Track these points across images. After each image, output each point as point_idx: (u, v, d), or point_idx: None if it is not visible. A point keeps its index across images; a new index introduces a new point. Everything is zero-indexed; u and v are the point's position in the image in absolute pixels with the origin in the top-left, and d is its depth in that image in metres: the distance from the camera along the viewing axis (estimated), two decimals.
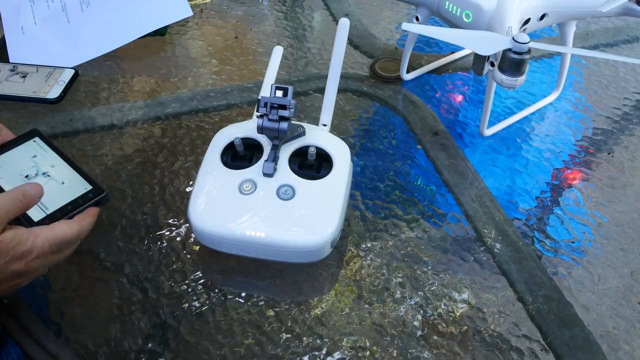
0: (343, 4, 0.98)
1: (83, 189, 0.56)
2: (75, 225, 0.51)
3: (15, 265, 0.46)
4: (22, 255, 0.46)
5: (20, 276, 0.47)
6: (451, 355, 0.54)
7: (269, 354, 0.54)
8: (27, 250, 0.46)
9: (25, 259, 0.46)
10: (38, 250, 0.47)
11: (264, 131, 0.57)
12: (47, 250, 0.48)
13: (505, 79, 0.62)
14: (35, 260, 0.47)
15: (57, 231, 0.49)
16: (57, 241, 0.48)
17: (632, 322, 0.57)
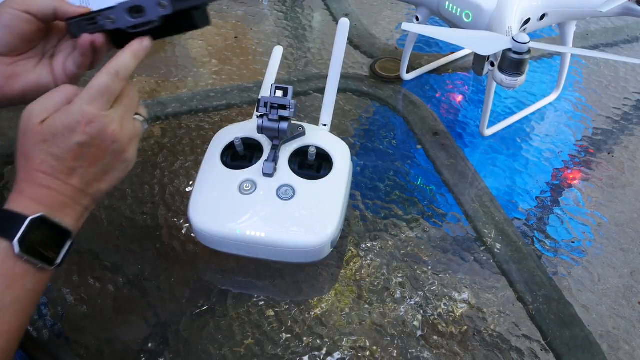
0: (343, 4, 0.98)
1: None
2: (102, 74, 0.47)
3: (74, 138, 0.45)
4: (69, 127, 0.45)
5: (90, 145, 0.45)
6: (451, 355, 0.54)
7: (269, 354, 0.54)
8: (71, 121, 0.45)
9: (77, 128, 0.45)
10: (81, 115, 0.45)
11: (264, 131, 0.57)
12: (89, 110, 0.45)
13: (505, 79, 0.62)
14: (90, 124, 0.45)
15: (88, 88, 0.46)
16: (94, 95, 0.46)
17: (632, 322, 0.57)
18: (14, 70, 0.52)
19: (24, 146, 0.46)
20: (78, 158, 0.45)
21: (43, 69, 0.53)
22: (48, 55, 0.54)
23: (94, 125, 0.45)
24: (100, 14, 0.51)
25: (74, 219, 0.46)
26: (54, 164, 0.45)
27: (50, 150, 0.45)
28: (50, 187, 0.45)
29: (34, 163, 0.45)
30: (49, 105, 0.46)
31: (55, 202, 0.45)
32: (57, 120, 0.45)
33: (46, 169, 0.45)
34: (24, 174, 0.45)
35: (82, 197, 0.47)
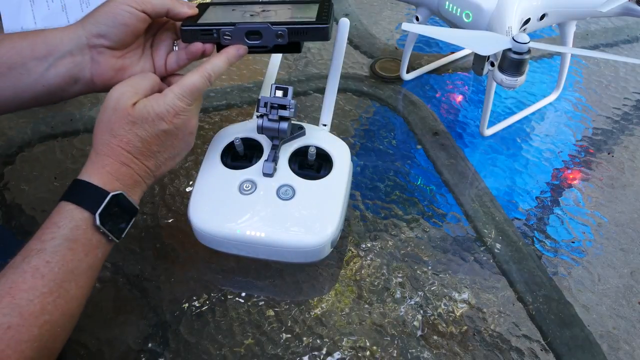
0: (343, 4, 0.98)
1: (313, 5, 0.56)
2: (196, 74, 0.52)
3: (161, 126, 0.50)
4: (160, 115, 0.49)
5: (171, 134, 0.51)
6: (451, 355, 0.54)
7: (269, 354, 0.54)
8: (163, 110, 0.50)
9: (165, 118, 0.50)
10: (173, 106, 0.50)
11: (264, 131, 0.57)
12: (180, 104, 0.50)
13: (505, 79, 0.62)
14: (177, 116, 0.50)
15: (182, 84, 0.51)
16: (186, 92, 0.51)
17: (632, 322, 0.57)
18: (122, 63, 0.55)
19: (112, 123, 0.49)
20: (159, 144, 0.51)
21: (146, 62, 0.57)
22: (148, 45, 0.58)
23: (181, 118, 0.51)
24: (219, 29, 0.54)
25: (139, 196, 0.51)
26: (138, 145, 0.49)
27: (138, 132, 0.49)
28: (130, 166, 0.49)
29: (121, 141, 0.49)
30: (140, 90, 0.50)
31: (131, 180, 0.49)
32: (149, 106, 0.49)
33: (130, 148, 0.49)
34: (108, 149, 0.49)
35: (150, 178, 0.52)
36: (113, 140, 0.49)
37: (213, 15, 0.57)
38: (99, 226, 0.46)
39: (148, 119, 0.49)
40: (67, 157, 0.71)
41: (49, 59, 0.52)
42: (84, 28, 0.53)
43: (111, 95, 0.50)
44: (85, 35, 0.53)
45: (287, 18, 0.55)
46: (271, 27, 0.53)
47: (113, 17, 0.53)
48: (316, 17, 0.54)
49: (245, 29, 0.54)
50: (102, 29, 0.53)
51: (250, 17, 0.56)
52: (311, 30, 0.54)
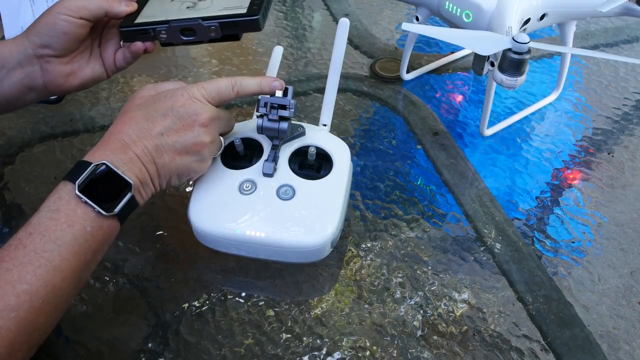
0: (343, 4, 0.98)
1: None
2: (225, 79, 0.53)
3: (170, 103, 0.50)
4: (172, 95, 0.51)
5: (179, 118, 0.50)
6: (451, 355, 0.54)
7: (269, 354, 0.54)
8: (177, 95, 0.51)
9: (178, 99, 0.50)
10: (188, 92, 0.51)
11: (264, 131, 0.57)
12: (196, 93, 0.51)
13: (505, 79, 0.62)
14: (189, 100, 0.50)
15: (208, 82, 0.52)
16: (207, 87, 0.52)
17: (632, 322, 0.57)
18: (71, 68, 0.56)
19: (124, 108, 0.50)
20: (164, 123, 0.49)
21: (95, 63, 0.58)
22: (96, 45, 0.59)
23: (193, 104, 0.50)
24: (154, 29, 0.55)
25: (137, 176, 0.48)
26: (142, 123, 0.49)
27: (145, 108, 0.49)
28: (126, 141, 0.48)
29: (125, 117, 0.49)
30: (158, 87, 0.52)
31: (124, 154, 0.48)
32: (164, 87, 0.51)
33: (132, 124, 0.49)
34: (114, 128, 0.49)
35: (150, 163, 0.49)
36: (119, 119, 0.49)
37: (151, 10, 0.58)
38: (78, 195, 0.45)
39: (160, 97, 0.50)
40: (67, 157, 0.71)
41: (1, 72, 0.54)
42: (28, 39, 0.54)
43: (136, 93, 0.52)
44: (30, 46, 0.54)
45: (220, 9, 0.55)
46: (203, 24, 0.54)
47: (53, 27, 0.53)
48: (248, 8, 0.55)
49: (178, 26, 0.55)
50: (44, 40, 0.54)
51: (187, 9, 0.56)
52: (242, 23, 0.55)
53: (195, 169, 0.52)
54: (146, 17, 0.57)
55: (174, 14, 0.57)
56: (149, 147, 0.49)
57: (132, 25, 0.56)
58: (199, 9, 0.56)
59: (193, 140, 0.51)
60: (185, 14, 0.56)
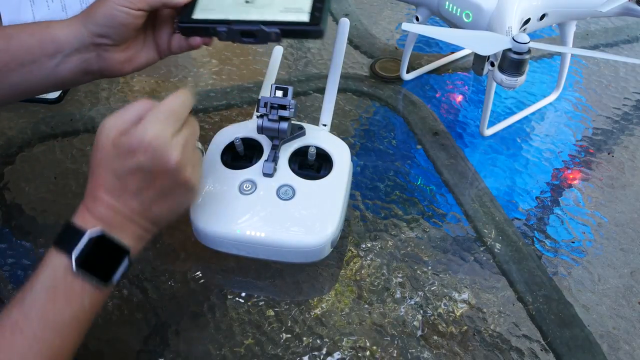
0: (343, 4, 0.98)
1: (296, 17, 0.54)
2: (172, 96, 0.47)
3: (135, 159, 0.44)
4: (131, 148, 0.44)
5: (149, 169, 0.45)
6: (451, 355, 0.54)
7: (269, 354, 0.54)
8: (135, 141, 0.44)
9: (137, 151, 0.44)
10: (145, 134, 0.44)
11: (264, 131, 0.57)
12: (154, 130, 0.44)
13: (505, 79, 0.62)
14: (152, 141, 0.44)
15: (156, 109, 0.46)
16: (160, 116, 0.45)
17: (632, 322, 0.57)
18: (127, 55, 0.56)
19: (94, 161, 0.46)
20: (138, 179, 0.45)
21: (150, 49, 0.57)
22: (150, 31, 0.57)
23: (156, 149, 0.44)
24: (215, 27, 0.54)
25: (133, 238, 0.46)
26: (115, 183, 0.45)
27: (113, 168, 0.45)
28: (111, 205, 0.45)
29: (99, 179, 0.45)
30: (119, 124, 0.45)
31: (114, 220, 0.45)
32: (123, 140, 0.44)
33: (108, 186, 0.45)
34: (90, 189, 0.46)
35: (141, 219, 0.46)
36: (93, 180, 0.46)
37: (207, 1, 0.56)
38: (76, 271, 0.42)
39: (121, 154, 0.44)
40: (67, 157, 0.71)
41: (58, 56, 0.53)
42: (85, 27, 0.53)
43: (98, 131, 0.46)
44: (87, 34, 0.53)
45: (281, 9, 0.54)
46: (264, 29, 0.53)
47: (111, 19, 0.53)
48: (310, 14, 0.53)
49: (239, 30, 0.54)
50: (102, 30, 0.53)
51: (246, 4, 0.55)
52: (304, 32, 0.54)
53: (188, 200, 0.50)
54: (204, 10, 0.56)
55: (233, 11, 0.55)
56: (135, 206, 0.46)
57: (191, 21, 0.55)
58: (258, 7, 0.55)
59: (172, 182, 0.46)
60: (245, 13, 0.55)
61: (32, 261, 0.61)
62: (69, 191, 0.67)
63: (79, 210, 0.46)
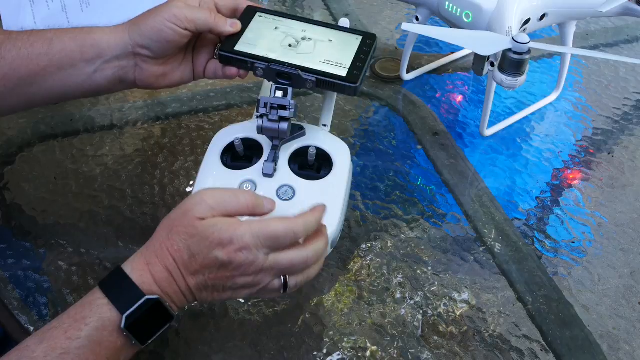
0: (343, 4, 0.98)
1: (355, 39, 0.57)
2: (285, 221, 0.47)
3: (217, 252, 0.44)
4: (221, 242, 0.45)
5: (225, 267, 0.45)
6: (451, 355, 0.54)
7: (269, 354, 0.54)
8: (226, 238, 0.45)
9: (226, 247, 0.44)
10: (239, 240, 0.45)
11: (263, 131, 0.57)
12: (249, 242, 0.45)
13: (505, 79, 0.62)
14: (239, 252, 0.45)
15: (263, 225, 0.46)
16: (262, 234, 0.45)
17: (632, 322, 0.57)
18: (164, 70, 0.57)
19: (174, 225, 0.46)
20: (209, 268, 0.45)
21: (186, 68, 0.59)
22: (190, 50, 0.59)
23: (243, 257, 0.45)
24: (254, 63, 0.56)
25: (179, 307, 0.47)
26: (185, 258, 0.45)
27: (191, 246, 0.45)
28: (173, 274, 0.45)
29: (172, 245, 0.45)
30: (221, 209, 0.46)
31: (170, 289, 0.45)
32: (216, 228, 0.45)
33: (178, 257, 0.45)
34: (158, 248, 0.46)
35: (192, 295, 0.47)
36: (166, 241, 0.46)
37: (253, 35, 0.58)
38: (123, 329, 0.43)
39: (207, 239, 0.45)
40: (67, 157, 0.71)
41: (97, 62, 0.54)
42: (130, 36, 0.54)
43: (192, 197, 0.47)
44: (130, 43, 0.54)
45: (322, 60, 0.56)
46: (301, 75, 0.55)
47: (158, 33, 0.53)
48: (349, 71, 0.55)
49: (276, 70, 0.55)
50: (146, 42, 0.54)
51: (288, 47, 0.57)
52: (339, 86, 0.56)
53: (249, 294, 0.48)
54: (247, 44, 0.57)
55: (275, 50, 0.57)
56: (192, 284, 0.46)
57: (232, 52, 0.57)
58: (300, 53, 0.57)
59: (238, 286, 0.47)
60: (286, 55, 0.56)
61: (32, 261, 0.61)
62: (69, 191, 0.67)
63: (137, 261, 0.46)
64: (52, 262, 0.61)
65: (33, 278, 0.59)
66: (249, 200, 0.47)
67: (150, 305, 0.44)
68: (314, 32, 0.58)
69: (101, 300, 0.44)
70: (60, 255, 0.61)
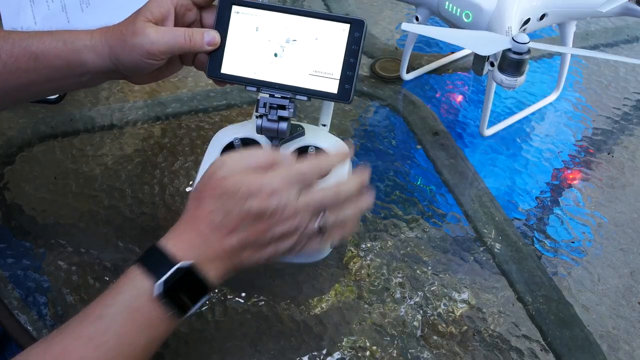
0: (343, 4, 0.98)
1: (342, 31, 0.54)
2: (310, 161, 0.48)
3: (249, 203, 0.45)
4: (251, 192, 0.45)
5: (260, 217, 0.45)
6: (451, 355, 0.54)
7: (269, 354, 0.54)
8: (255, 187, 0.45)
9: (257, 196, 0.45)
10: (268, 186, 0.45)
11: (263, 131, 0.57)
12: (278, 185, 0.45)
13: (505, 79, 0.62)
14: (271, 198, 0.45)
15: (288, 167, 0.47)
16: (289, 176, 0.46)
17: (632, 322, 0.57)
18: (153, 75, 0.57)
19: (202, 191, 0.46)
20: (244, 223, 0.45)
21: (175, 65, 0.58)
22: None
23: (276, 204, 0.45)
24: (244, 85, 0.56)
25: (218, 275, 0.46)
26: (219, 219, 0.45)
27: (223, 204, 0.45)
28: (208, 238, 0.45)
29: (203, 211, 0.45)
30: (244, 165, 0.46)
31: (206, 254, 0.45)
32: (243, 181, 0.45)
33: (211, 220, 0.45)
34: (190, 217, 0.46)
35: (233, 258, 0.46)
36: (196, 210, 0.46)
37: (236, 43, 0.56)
38: (159, 297, 0.42)
39: (237, 194, 0.45)
40: (67, 157, 0.71)
41: (87, 75, 0.55)
42: (111, 60, 0.53)
43: (213, 164, 0.47)
44: (113, 67, 0.54)
45: (311, 72, 0.55)
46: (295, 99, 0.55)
47: (136, 67, 0.53)
48: (339, 85, 0.54)
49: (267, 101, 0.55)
50: (127, 72, 0.55)
51: (275, 58, 0.55)
52: (333, 99, 0.55)
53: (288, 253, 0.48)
54: (232, 60, 0.56)
55: (262, 67, 0.55)
56: (228, 246, 0.45)
57: (220, 75, 0.56)
58: (287, 64, 0.55)
59: (278, 237, 0.46)
60: (274, 71, 0.55)
61: (32, 261, 0.61)
62: (69, 191, 0.67)
63: (170, 235, 0.46)
64: (52, 262, 0.61)
65: (33, 278, 0.59)
66: (268, 154, 0.48)
67: (184, 273, 0.43)
68: (297, 29, 0.55)
69: (136, 271, 0.44)
70: (60, 255, 0.61)
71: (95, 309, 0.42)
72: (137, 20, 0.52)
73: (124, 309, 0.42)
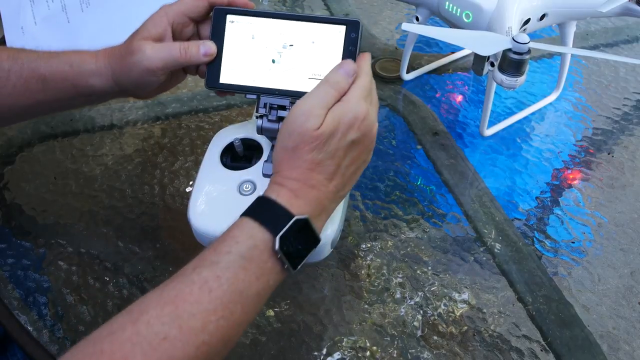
0: (343, 4, 0.98)
1: (337, 33, 0.54)
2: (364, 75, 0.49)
3: (350, 136, 0.46)
4: (349, 125, 0.46)
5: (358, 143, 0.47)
6: (451, 355, 0.54)
7: (268, 354, 0.54)
8: (350, 120, 0.46)
9: (354, 125, 0.46)
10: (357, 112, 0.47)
11: (263, 132, 0.57)
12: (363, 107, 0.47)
13: (505, 79, 0.62)
14: (365, 121, 0.47)
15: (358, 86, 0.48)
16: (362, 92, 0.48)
17: (632, 322, 0.57)
18: (158, 88, 0.57)
19: (300, 149, 0.46)
20: (347, 156, 0.47)
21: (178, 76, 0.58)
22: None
23: (367, 123, 0.47)
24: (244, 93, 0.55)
25: (322, 226, 0.47)
26: (329, 164, 0.46)
27: (329, 149, 0.46)
28: (320, 189, 0.46)
29: (312, 163, 0.46)
30: (323, 111, 0.46)
31: (318, 206, 0.46)
32: (337, 118, 0.46)
33: (321, 169, 0.46)
34: (298, 173, 0.46)
35: (335, 201, 0.48)
36: (303, 164, 0.46)
37: (233, 52, 0.55)
38: (277, 250, 0.42)
39: (336, 135, 0.46)
40: (67, 157, 0.71)
41: (93, 95, 0.56)
42: (115, 82, 0.54)
43: (294, 121, 0.46)
44: (117, 87, 0.55)
45: (311, 74, 0.54)
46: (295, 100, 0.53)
47: (138, 85, 0.54)
48: None
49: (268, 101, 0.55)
50: (132, 91, 0.56)
51: (273, 64, 0.55)
52: None
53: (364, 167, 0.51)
54: (230, 69, 0.55)
55: (261, 75, 0.55)
56: (334, 187, 0.47)
57: (219, 85, 0.56)
58: (286, 69, 0.54)
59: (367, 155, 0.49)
60: (273, 78, 0.55)
61: (32, 261, 0.61)
62: (69, 191, 0.67)
63: (280, 189, 0.45)
64: (52, 262, 0.61)
65: (33, 278, 0.59)
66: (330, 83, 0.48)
67: (301, 228, 0.44)
68: (293, 34, 0.55)
69: (251, 224, 0.44)
70: (60, 255, 0.61)
71: (208, 257, 0.42)
72: (135, 40, 0.53)
73: (239, 257, 0.42)
